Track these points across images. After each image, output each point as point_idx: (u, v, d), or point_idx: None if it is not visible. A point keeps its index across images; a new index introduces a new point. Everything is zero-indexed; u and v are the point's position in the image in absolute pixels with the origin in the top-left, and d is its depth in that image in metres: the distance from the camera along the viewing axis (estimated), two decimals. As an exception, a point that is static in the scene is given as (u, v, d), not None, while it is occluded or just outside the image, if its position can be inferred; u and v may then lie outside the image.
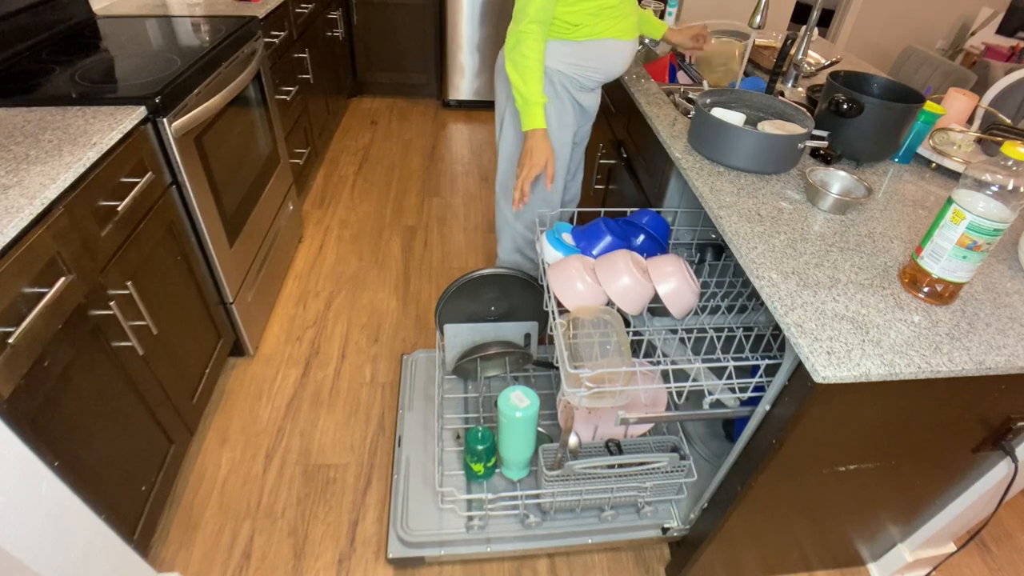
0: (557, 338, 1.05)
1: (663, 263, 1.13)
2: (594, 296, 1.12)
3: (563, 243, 1.25)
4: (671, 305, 1.11)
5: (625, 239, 1.25)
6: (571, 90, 1.41)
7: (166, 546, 1.35)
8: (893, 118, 1.18)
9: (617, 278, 1.10)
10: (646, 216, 1.26)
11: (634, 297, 1.11)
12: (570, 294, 1.12)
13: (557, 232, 1.28)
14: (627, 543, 1.37)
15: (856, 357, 0.77)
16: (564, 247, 1.25)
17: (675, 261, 1.13)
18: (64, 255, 0.97)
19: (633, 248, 1.26)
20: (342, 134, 3.21)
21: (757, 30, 1.46)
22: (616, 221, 1.27)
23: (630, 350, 1.05)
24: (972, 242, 0.81)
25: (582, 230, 1.26)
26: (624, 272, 1.10)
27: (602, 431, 1.36)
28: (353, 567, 1.33)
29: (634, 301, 1.12)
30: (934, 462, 1.05)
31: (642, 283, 1.10)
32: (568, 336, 1.07)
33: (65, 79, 1.30)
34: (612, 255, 1.15)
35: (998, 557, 1.47)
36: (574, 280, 1.12)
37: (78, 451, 1.01)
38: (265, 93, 1.87)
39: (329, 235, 2.40)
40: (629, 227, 1.28)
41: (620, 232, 1.25)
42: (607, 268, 1.13)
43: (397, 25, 3.38)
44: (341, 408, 1.69)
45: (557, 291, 1.13)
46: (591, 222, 1.27)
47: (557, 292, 1.13)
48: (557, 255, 1.23)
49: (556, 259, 1.22)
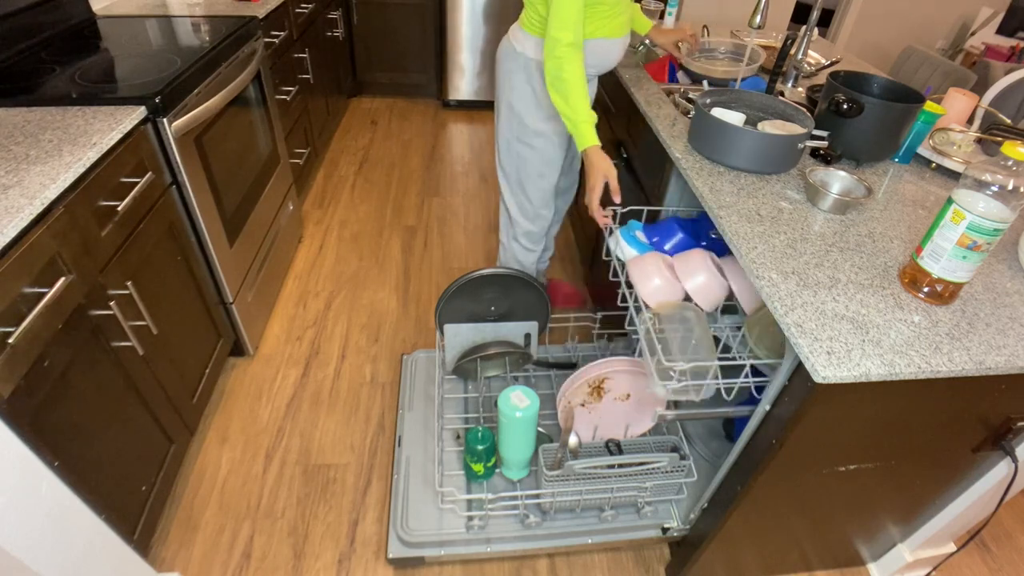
0: (642, 332, 1.08)
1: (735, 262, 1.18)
2: (672, 291, 1.16)
3: (638, 240, 1.29)
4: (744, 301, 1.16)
5: (695, 237, 1.29)
6: None
7: (166, 546, 1.35)
8: (893, 118, 1.18)
9: (695, 275, 1.15)
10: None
11: (710, 293, 1.16)
12: (649, 289, 1.16)
13: (631, 229, 1.31)
14: (627, 543, 1.37)
15: (856, 357, 0.77)
16: (638, 244, 1.29)
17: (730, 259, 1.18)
18: (64, 255, 0.97)
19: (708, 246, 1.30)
20: (342, 134, 3.21)
21: (757, 30, 1.46)
22: (688, 220, 1.33)
23: (713, 345, 1.07)
24: (972, 242, 0.81)
25: (654, 227, 1.30)
26: (702, 270, 1.15)
27: (602, 431, 1.36)
28: (353, 567, 1.33)
29: (710, 297, 1.16)
30: (934, 462, 1.05)
31: (719, 280, 1.15)
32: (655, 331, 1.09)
33: (65, 79, 1.30)
34: (689, 253, 1.19)
35: (998, 557, 1.47)
36: (652, 276, 1.16)
37: (78, 451, 1.01)
38: (265, 93, 1.87)
39: (329, 235, 2.40)
40: (697, 226, 1.32)
41: (691, 230, 1.29)
42: (685, 265, 1.17)
43: (397, 25, 3.38)
44: (341, 408, 1.69)
45: (638, 286, 1.17)
46: (662, 220, 1.32)
47: (638, 287, 1.17)
48: (633, 252, 1.28)
49: (632, 256, 1.26)
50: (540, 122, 1.46)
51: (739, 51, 1.79)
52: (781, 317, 0.83)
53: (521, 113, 1.45)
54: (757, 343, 1.10)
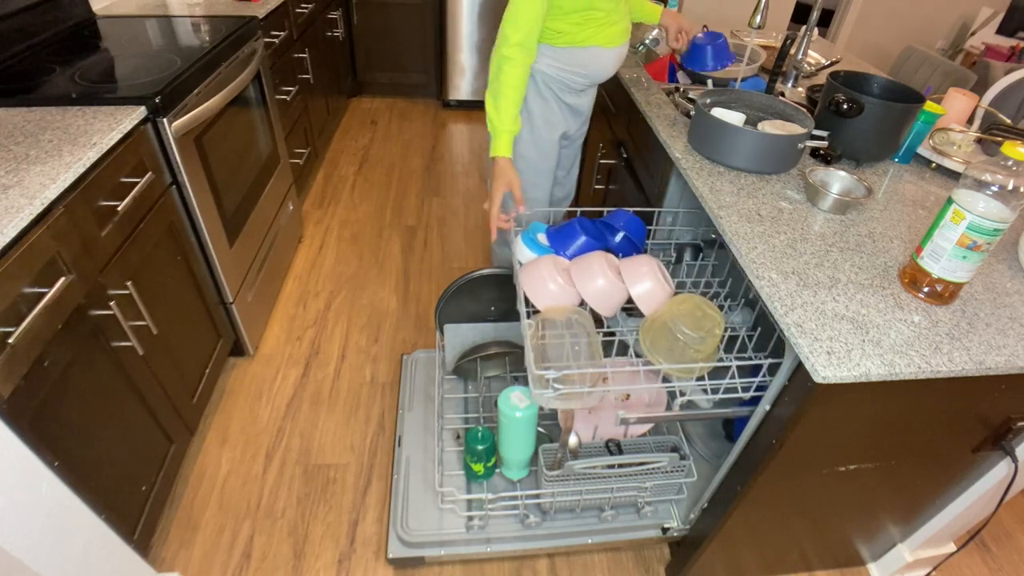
0: (526, 339, 1.03)
1: (637, 264, 1.12)
2: (567, 297, 1.11)
3: (538, 243, 1.23)
4: (644, 306, 1.10)
5: (601, 239, 1.23)
6: (556, 91, 1.40)
7: (166, 546, 1.35)
8: (893, 118, 1.18)
9: (592, 280, 1.10)
10: (623, 217, 1.25)
11: (608, 298, 1.10)
12: (542, 294, 1.10)
13: (532, 232, 1.26)
14: (627, 543, 1.37)
15: (856, 357, 0.77)
16: (539, 247, 1.23)
17: (649, 262, 1.12)
18: (64, 255, 0.97)
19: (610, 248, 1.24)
20: (342, 134, 3.21)
21: (757, 30, 1.46)
22: (592, 221, 1.26)
23: (601, 351, 1.04)
24: (972, 242, 0.81)
25: (556, 230, 1.24)
26: (599, 274, 1.09)
27: (602, 431, 1.36)
28: (353, 567, 1.33)
29: (608, 302, 1.11)
30: (934, 462, 1.05)
31: (616, 284, 1.10)
32: (537, 337, 1.06)
33: (65, 79, 1.30)
34: (587, 256, 1.14)
35: (998, 557, 1.47)
36: (546, 281, 1.11)
37: (78, 451, 1.01)
38: (265, 93, 1.87)
39: (329, 235, 2.40)
40: (605, 227, 1.26)
41: (596, 232, 1.23)
42: (582, 269, 1.12)
43: (397, 25, 3.38)
44: (341, 408, 1.69)
45: (528, 291, 1.11)
46: (566, 222, 1.25)
47: (528, 292, 1.11)
48: (531, 255, 1.22)
49: (530, 259, 1.20)
50: (533, 132, 1.44)
51: (739, 51, 1.79)
52: (781, 317, 0.83)
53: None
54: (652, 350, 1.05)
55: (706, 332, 1.00)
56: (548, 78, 1.36)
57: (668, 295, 1.11)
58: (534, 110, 1.41)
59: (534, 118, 1.41)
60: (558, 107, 1.43)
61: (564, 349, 1.06)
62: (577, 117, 1.52)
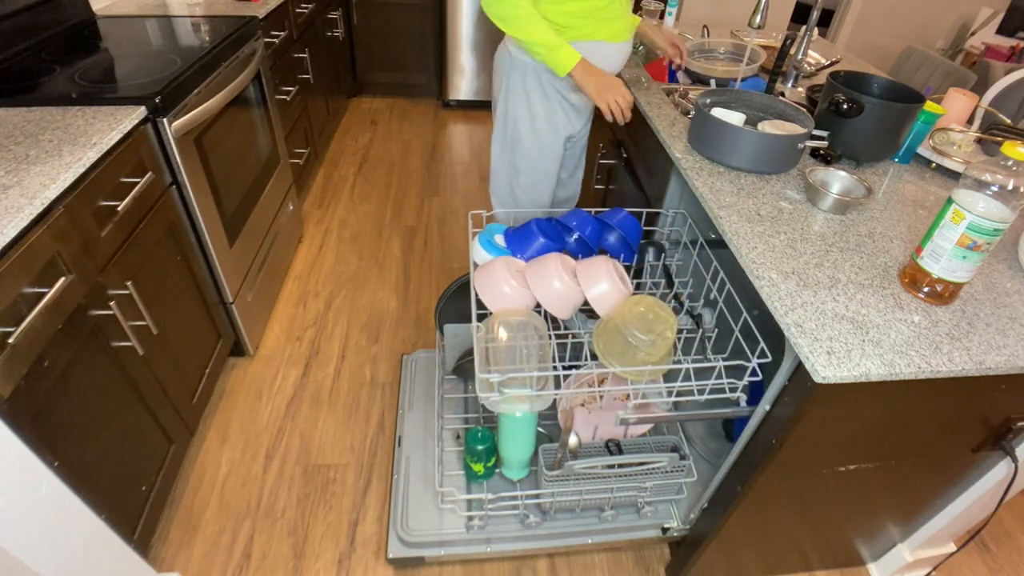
0: (475, 342, 1.02)
1: (592, 266, 1.10)
2: (522, 299, 1.09)
3: (494, 245, 1.21)
4: (599, 308, 1.09)
5: (559, 241, 1.22)
6: (560, 89, 1.40)
7: (166, 546, 1.35)
8: (893, 118, 1.18)
9: (547, 282, 1.08)
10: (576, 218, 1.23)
11: (564, 301, 1.09)
12: (497, 297, 1.09)
13: (489, 234, 1.23)
14: (627, 543, 1.37)
15: (856, 357, 0.77)
16: (495, 249, 1.21)
17: (605, 263, 1.11)
18: (64, 255, 0.97)
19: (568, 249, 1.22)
20: (342, 134, 3.21)
21: (757, 30, 1.46)
22: (549, 222, 1.24)
23: (550, 353, 1.03)
24: (972, 242, 0.81)
25: (514, 232, 1.21)
26: (554, 276, 1.07)
27: (602, 431, 1.36)
28: (353, 567, 1.33)
29: (564, 305, 1.09)
30: (934, 462, 1.05)
31: (571, 287, 1.08)
32: (486, 340, 1.05)
33: (65, 79, 1.30)
34: (542, 258, 1.12)
35: (998, 557, 1.47)
36: (500, 283, 1.09)
37: (78, 451, 1.01)
38: (265, 93, 1.87)
39: (329, 235, 2.40)
40: (562, 228, 1.24)
41: (554, 234, 1.21)
42: (537, 271, 1.10)
43: (397, 25, 3.38)
44: (341, 408, 1.69)
45: (481, 294, 1.10)
46: (523, 224, 1.23)
47: (481, 295, 1.10)
48: (487, 257, 1.19)
49: (486, 261, 1.18)
50: (535, 131, 1.44)
51: (739, 51, 1.79)
52: (781, 317, 0.83)
53: (516, 120, 1.44)
54: (605, 352, 1.03)
55: (656, 335, 0.99)
56: (552, 76, 1.36)
57: (625, 296, 1.09)
58: (538, 112, 1.40)
59: (537, 120, 1.41)
60: (561, 108, 1.43)
61: (516, 352, 1.05)
62: (580, 116, 1.52)
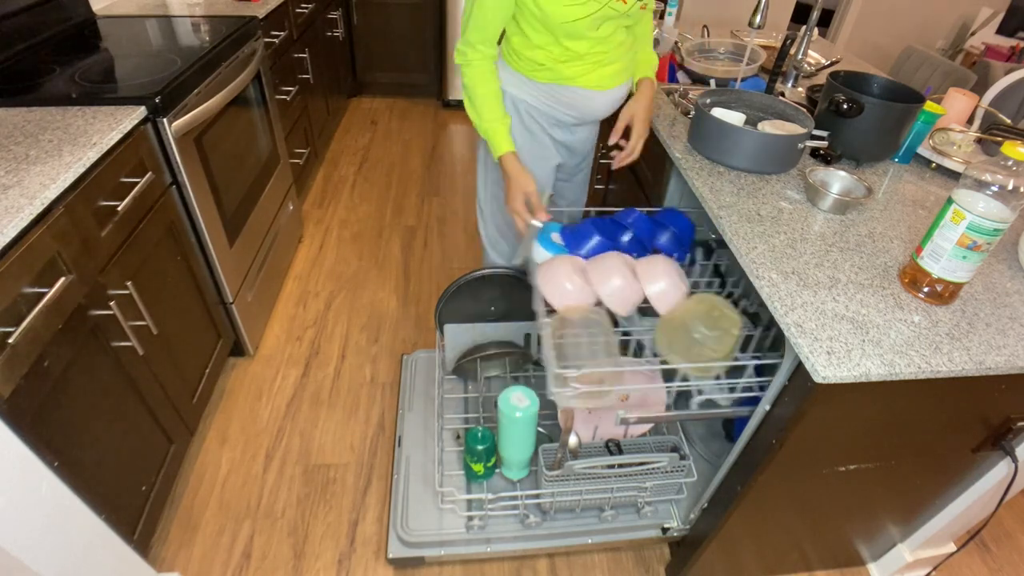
0: (544, 338, 1.04)
1: (652, 264, 1.13)
2: (583, 296, 1.11)
3: (553, 243, 1.24)
4: (659, 305, 1.11)
5: (614, 240, 1.24)
6: (544, 124, 1.27)
7: (166, 546, 1.35)
8: (893, 118, 1.18)
9: (608, 279, 1.10)
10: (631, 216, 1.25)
11: (624, 298, 1.11)
12: (559, 294, 1.11)
13: (547, 232, 1.26)
14: (627, 543, 1.37)
15: (856, 357, 0.77)
16: (554, 247, 1.23)
17: (664, 262, 1.13)
18: (64, 255, 0.97)
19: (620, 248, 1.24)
20: (342, 134, 3.21)
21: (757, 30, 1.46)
22: (605, 220, 1.26)
23: (618, 350, 1.05)
24: (972, 242, 0.81)
25: (571, 230, 1.24)
26: (616, 273, 1.10)
27: (602, 431, 1.36)
28: (353, 567, 1.33)
29: (624, 302, 1.11)
30: (934, 462, 1.05)
31: (632, 284, 1.10)
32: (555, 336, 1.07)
33: (65, 79, 1.30)
34: (604, 256, 1.14)
35: (998, 557, 1.47)
36: (562, 280, 1.11)
37: (78, 451, 1.01)
38: (265, 93, 1.87)
39: (329, 235, 2.40)
40: (617, 227, 1.26)
41: (609, 232, 1.23)
42: (599, 269, 1.12)
43: (397, 25, 3.38)
44: (341, 408, 1.69)
45: (545, 291, 1.12)
46: (581, 222, 1.25)
47: (545, 292, 1.12)
48: (547, 255, 1.22)
49: (546, 259, 1.21)
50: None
51: (739, 51, 1.79)
52: (781, 317, 0.83)
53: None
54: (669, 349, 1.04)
55: (723, 331, 1.01)
56: (533, 109, 1.24)
57: (683, 295, 1.12)
58: (522, 146, 1.27)
59: (522, 153, 1.25)
60: (550, 141, 1.31)
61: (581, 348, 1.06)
62: (573, 155, 1.40)
